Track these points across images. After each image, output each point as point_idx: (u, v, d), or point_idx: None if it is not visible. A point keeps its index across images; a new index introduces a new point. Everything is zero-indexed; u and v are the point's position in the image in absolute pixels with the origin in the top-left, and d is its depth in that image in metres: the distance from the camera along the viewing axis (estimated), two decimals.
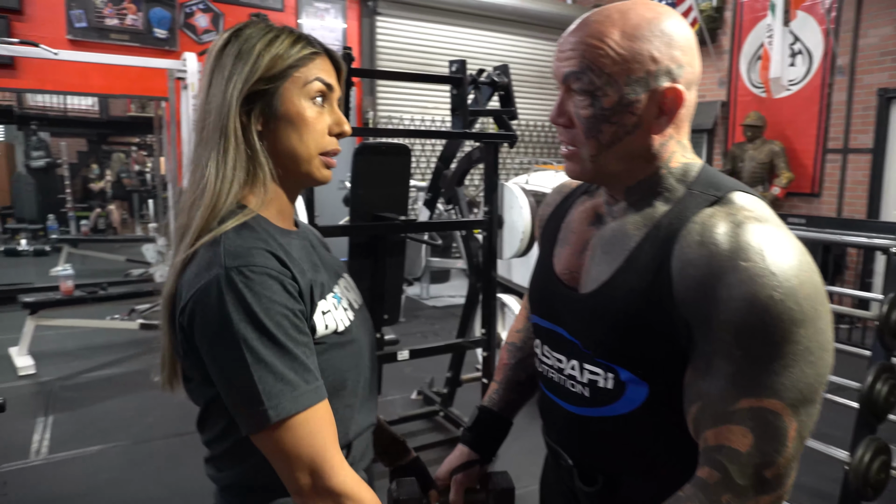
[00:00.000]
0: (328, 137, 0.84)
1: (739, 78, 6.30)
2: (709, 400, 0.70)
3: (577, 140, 0.79)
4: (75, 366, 3.90)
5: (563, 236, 0.91)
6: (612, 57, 0.73)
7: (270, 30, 0.83)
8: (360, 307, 0.94)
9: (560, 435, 0.90)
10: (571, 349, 0.84)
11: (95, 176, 9.53)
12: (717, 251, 0.69)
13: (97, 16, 5.44)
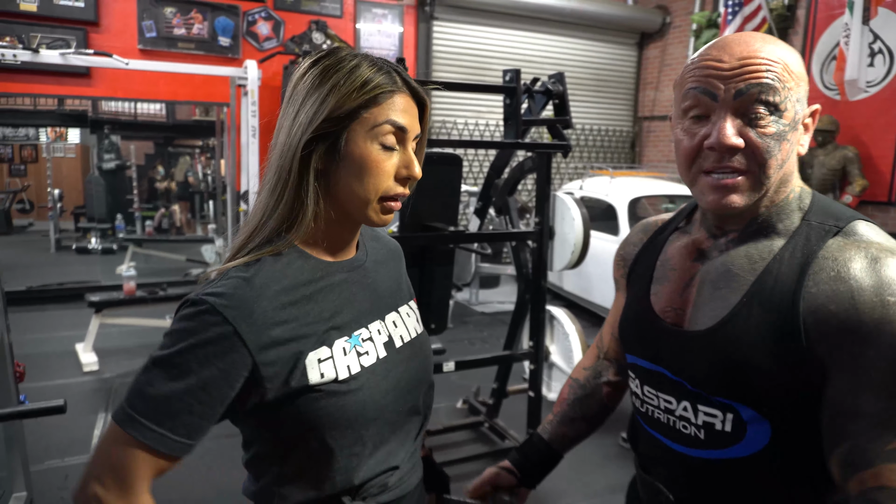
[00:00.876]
0: (393, 181, 0.80)
1: (811, 79, 5.98)
2: (859, 440, 0.68)
3: (752, 164, 0.74)
4: (136, 363, 4.05)
5: (661, 274, 0.89)
6: (791, 73, 0.74)
7: (347, 62, 0.78)
8: (408, 342, 0.90)
9: (666, 472, 0.88)
10: (679, 389, 0.82)
11: (161, 177, 9.95)
12: (860, 287, 0.69)
13: (166, 26, 5.66)
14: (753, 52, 0.73)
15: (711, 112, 0.75)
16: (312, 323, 0.78)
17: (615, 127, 7.85)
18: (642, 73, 7.91)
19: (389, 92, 0.77)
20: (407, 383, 0.87)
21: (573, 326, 2.69)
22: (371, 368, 0.82)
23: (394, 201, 0.80)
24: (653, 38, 7.71)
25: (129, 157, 9.09)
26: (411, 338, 0.91)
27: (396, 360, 0.87)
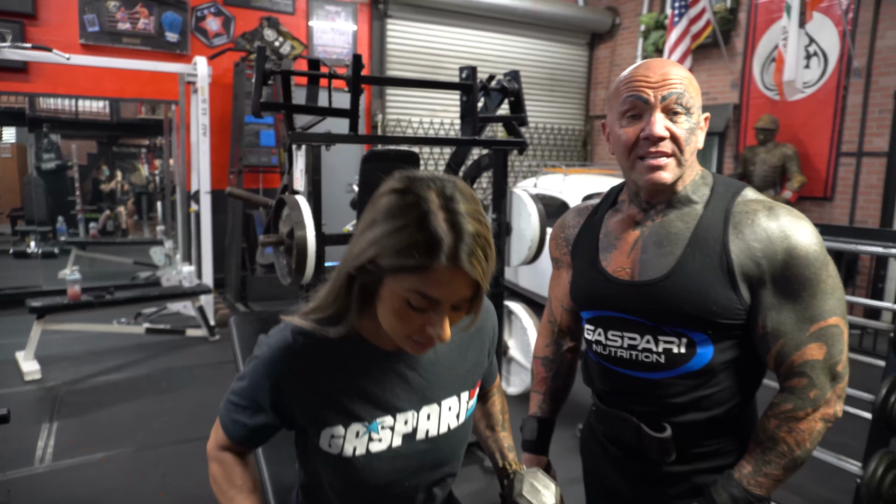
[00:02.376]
0: (419, 332, 0.85)
1: (752, 80, 6.22)
2: (789, 335, 0.98)
3: (675, 148, 1.01)
4: (81, 370, 3.90)
5: (606, 244, 1.12)
6: (693, 87, 1.02)
7: (410, 212, 0.79)
8: (433, 437, 0.98)
9: (625, 399, 1.10)
10: (642, 327, 1.04)
11: (105, 177, 9.58)
12: (769, 228, 0.98)
13: (110, 20, 5.46)
14: (668, 71, 1.01)
15: (644, 112, 1.01)
16: (341, 400, 0.92)
17: (567, 126, 8.00)
18: (593, 72, 8.07)
19: (427, 269, 0.78)
20: (414, 473, 0.98)
21: (531, 321, 2.73)
22: (377, 455, 0.94)
23: (416, 344, 0.87)
24: (603, 39, 7.88)
25: (70, 156, 8.71)
26: (439, 433, 0.99)
27: (410, 452, 0.96)
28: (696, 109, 1.02)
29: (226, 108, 6.01)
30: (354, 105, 2.29)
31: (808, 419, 0.97)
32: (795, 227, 0.97)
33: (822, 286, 0.96)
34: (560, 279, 1.27)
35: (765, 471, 0.99)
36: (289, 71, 2.25)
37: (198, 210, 4.97)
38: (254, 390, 0.93)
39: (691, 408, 1.04)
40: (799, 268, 0.96)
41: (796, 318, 0.97)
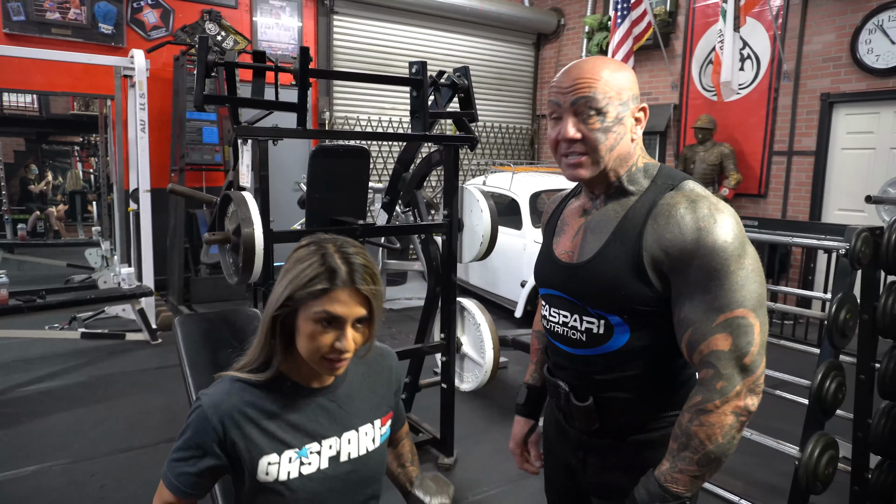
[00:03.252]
0: (329, 349, 1.05)
1: (692, 81, 6.45)
2: (696, 324, 1.00)
3: (588, 148, 1.07)
4: (10, 379, 3.69)
5: (560, 228, 1.23)
6: (610, 86, 1.05)
7: (310, 258, 1.06)
8: (355, 458, 1.16)
9: (561, 371, 1.20)
10: (572, 306, 1.14)
11: (35, 177, 9.08)
12: (684, 220, 1.01)
13: (37, 9, 5.17)
14: (582, 73, 1.06)
15: (561, 116, 1.09)
16: (274, 432, 1.09)
17: (515, 124, 8.09)
18: (540, 72, 8.19)
19: (326, 291, 1.03)
20: (341, 491, 1.14)
21: (483, 317, 2.74)
22: (308, 476, 1.10)
23: (330, 363, 1.07)
24: (549, 39, 8.01)
25: None
26: (359, 455, 1.17)
27: (336, 473, 1.14)
28: (611, 108, 1.06)
29: (165, 104, 5.79)
30: (302, 99, 2.24)
31: (718, 412, 0.97)
32: (711, 220, 0.99)
33: (732, 277, 0.97)
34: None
35: (680, 467, 1.00)
36: (233, 63, 2.18)
37: (137, 209, 4.76)
38: (198, 435, 1.06)
39: (612, 386, 1.11)
40: (707, 258, 0.98)
41: (704, 308, 0.99)
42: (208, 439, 1.06)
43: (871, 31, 5.09)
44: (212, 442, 1.06)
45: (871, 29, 5.10)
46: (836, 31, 5.34)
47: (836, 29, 5.35)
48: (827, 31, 5.40)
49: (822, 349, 2.22)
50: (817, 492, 2.14)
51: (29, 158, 9.27)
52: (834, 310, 2.09)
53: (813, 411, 2.15)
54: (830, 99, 5.40)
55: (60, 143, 9.57)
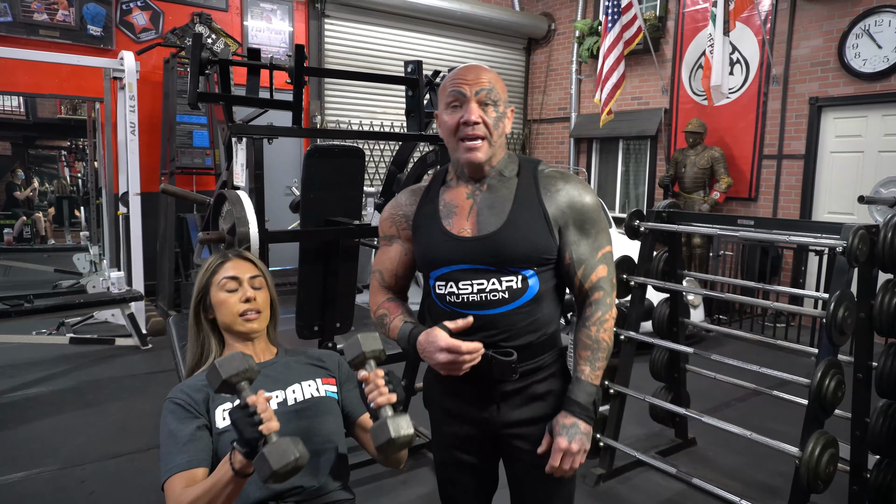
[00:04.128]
0: (240, 306, 1.40)
1: (681, 86, 6.49)
2: (588, 260, 1.35)
3: (486, 132, 1.30)
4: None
5: (447, 212, 1.37)
6: (499, 86, 1.33)
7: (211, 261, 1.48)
8: (301, 401, 1.40)
9: (477, 334, 1.31)
10: (486, 273, 1.31)
11: (21, 182, 8.96)
12: (568, 187, 1.35)
13: (24, 10, 5.11)
14: (481, 73, 1.31)
15: (463, 103, 1.30)
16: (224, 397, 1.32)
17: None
18: (530, 76, 8.22)
19: (221, 263, 1.46)
20: (295, 426, 1.31)
21: None
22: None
23: (245, 316, 1.40)
24: (539, 44, 8.04)
25: None
26: (304, 398, 1.40)
27: (286, 410, 1.36)
28: (502, 103, 1.32)
29: (155, 107, 5.73)
30: (298, 97, 2.22)
31: (609, 320, 1.34)
32: (582, 188, 1.36)
33: (600, 225, 1.36)
34: (390, 253, 1.47)
35: (598, 366, 1.33)
36: (227, 60, 2.16)
37: (127, 213, 4.71)
38: (175, 415, 1.30)
39: (527, 330, 1.33)
40: (588, 213, 1.34)
41: (590, 249, 1.35)
42: (186, 408, 1.30)
43: (858, 35, 5.15)
44: (189, 407, 1.30)
45: (857, 34, 5.16)
46: (824, 35, 5.40)
47: (823, 34, 5.40)
48: (815, 35, 5.46)
49: (820, 347, 2.22)
50: (818, 490, 2.13)
51: (15, 163, 9.15)
52: (833, 307, 2.08)
53: (813, 409, 2.14)
54: (819, 103, 5.45)
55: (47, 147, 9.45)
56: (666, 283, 2.75)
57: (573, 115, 7.58)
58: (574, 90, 7.55)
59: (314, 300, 2.66)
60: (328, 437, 1.38)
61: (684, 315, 2.98)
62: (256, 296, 1.41)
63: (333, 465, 1.37)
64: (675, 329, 2.92)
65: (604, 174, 7.52)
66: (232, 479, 1.14)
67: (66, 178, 9.25)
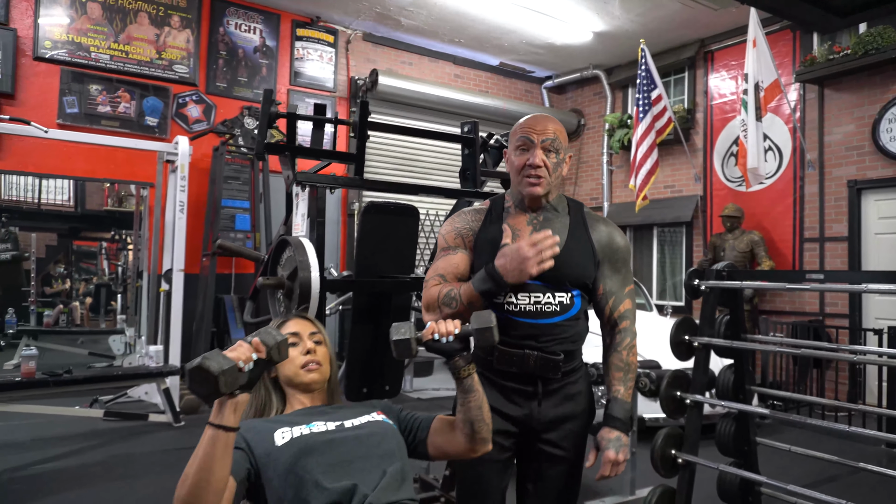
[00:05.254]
0: (302, 359, 1.47)
1: (714, 173, 6.57)
2: (616, 293, 1.62)
3: (545, 173, 1.55)
4: (26, 457, 3.49)
5: (510, 235, 1.59)
6: (561, 135, 1.58)
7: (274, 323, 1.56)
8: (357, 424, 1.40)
9: (530, 340, 1.54)
10: (544, 288, 1.54)
11: (58, 274, 9.19)
12: (608, 229, 1.63)
13: (90, 103, 5.48)
14: (548, 124, 1.56)
15: (530, 148, 1.55)
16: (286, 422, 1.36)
17: None
18: None
19: (283, 322, 1.54)
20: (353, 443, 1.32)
21: None
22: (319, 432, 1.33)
23: (306, 367, 1.46)
24: (570, 138, 8.29)
25: (29, 247, 8.38)
26: (361, 423, 1.40)
27: (344, 431, 1.36)
28: (563, 151, 1.57)
29: (201, 192, 5.94)
30: (360, 150, 2.27)
31: (636, 346, 1.63)
32: (618, 233, 1.65)
33: (629, 265, 1.65)
34: (454, 259, 1.63)
35: (629, 385, 1.61)
36: (294, 114, 2.24)
37: (169, 290, 4.75)
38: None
39: (569, 339, 1.57)
40: (621, 253, 1.62)
41: (620, 283, 1.62)
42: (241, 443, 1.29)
43: (891, 119, 5.23)
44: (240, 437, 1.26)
45: (890, 118, 5.24)
46: (856, 121, 5.49)
47: (854, 120, 5.50)
48: (846, 121, 5.56)
49: None
50: None
51: (59, 255, 9.45)
52: None
53: None
54: (858, 185, 5.45)
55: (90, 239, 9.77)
56: (733, 342, 2.61)
57: (605, 205, 7.67)
58: (605, 180, 7.69)
59: (363, 362, 2.58)
60: (390, 453, 1.35)
61: (750, 382, 2.81)
62: (316, 349, 1.48)
63: (398, 478, 1.31)
64: (741, 396, 2.74)
65: (638, 261, 7.48)
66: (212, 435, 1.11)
67: (103, 269, 9.48)
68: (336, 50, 6.77)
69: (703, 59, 6.78)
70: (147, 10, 5.77)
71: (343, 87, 6.82)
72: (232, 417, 1.11)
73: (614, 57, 7.37)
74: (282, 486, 1.24)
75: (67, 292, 8.88)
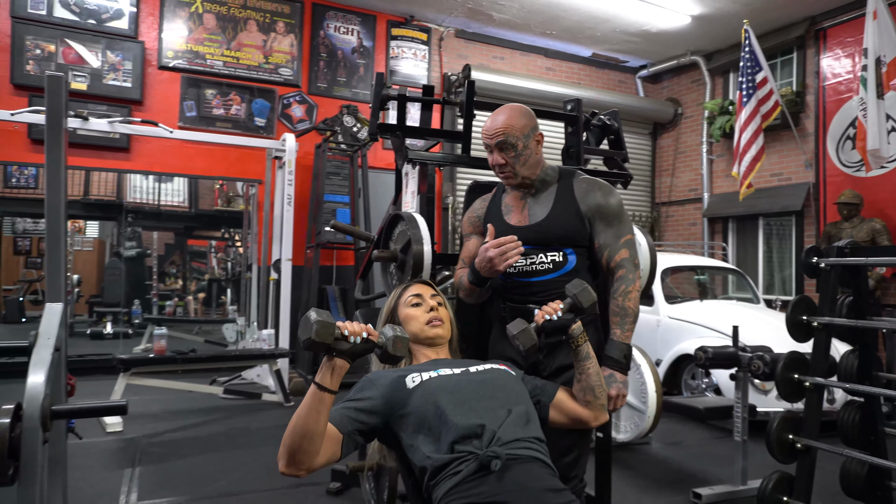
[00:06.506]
0: (426, 316, 1.61)
1: (828, 159, 6.16)
2: (610, 245, 1.75)
3: (510, 168, 1.76)
4: (160, 426, 3.84)
5: (507, 210, 1.84)
6: (514, 128, 1.73)
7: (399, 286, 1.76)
8: (481, 370, 1.48)
9: (531, 297, 1.74)
10: (538, 249, 1.75)
11: (172, 274, 9.97)
12: (596, 193, 1.77)
13: (206, 106, 5.92)
14: (499, 122, 1.74)
15: (492, 151, 1.77)
16: (415, 370, 1.45)
17: (634, 211, 7.99)
18: (657, 160, 8.17)
19: (406, 287, 1.71)
20: (478, 388, 1.40)
21: (644, 360, 2.55)
22: (446, 376, 1.42)
23: (431, 324, 1.60)
24: (666, 128, 8.04)
25: (150, 245, 9.17)
26: (486, 368, 1.49)
27: (470, 376, 1.44)
28: (520, 140, 1.72)
29: (304, 189, 6.26)
30: (467, 128, 2.34)
31: (633, 290, 1.71)
32: (607, 193, 1.77)
33: (621, 219, 1.77)
34: (470, 246, 1.93)
35: (626, 329, 1.70)
36: (405, 96, 2.34)
37: (278, 278, 5.05)
38: (360, 385, 1.43)
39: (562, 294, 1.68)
40: (611, 210, 1.75)
41: (613, 236, 1.75)
42: (368, 385, 1.40)
43: None
44: (370, 384, 1.40)
45: None
46: None
47: None
48: None
49: None
50: None
51: (175, 252, 10.26)
52: None
53: None
54: None
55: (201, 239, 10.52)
56: (858, 322, 2.46)
57: (705, 196, 7.37)
58: (705, 170, 7.39)
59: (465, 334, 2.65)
60: (515, 395, 1.42)
61: (877, 368, 2.63)
62: (438, 309, 1.61)
63: (524, 417, 1.37)
64: (867, 383, 2.57)
65: (742, 254, 7.12)
66: (312, 390, 1.23)
67: (213, 267, 10.18)
68: (429, 47, 6.93)
69: (814, 37, 6.37)
70: (255, 18, 6.17)
71: (436, 84, 6.96)
72: (328, 378, 1.21)
73: (714, 41, 7.08)
74: (414, 423, 1.32)
75: (181, 289, 9.62)
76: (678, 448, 3.80)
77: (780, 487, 2.46)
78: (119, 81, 5.60)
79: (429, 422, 1.31)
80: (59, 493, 1.96)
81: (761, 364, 2.69)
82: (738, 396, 2.91)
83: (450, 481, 1.24)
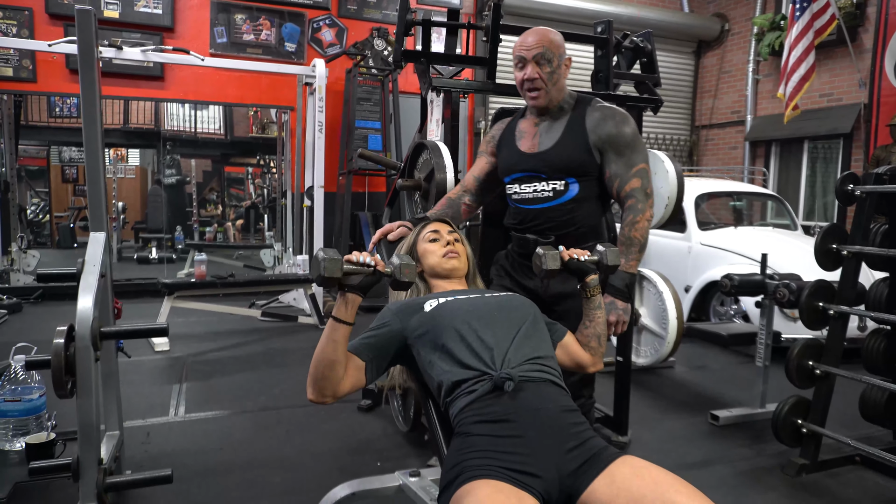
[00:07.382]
0: (443, 249, 1.64)
1: (885, 77, 5.80)
2: (620, 175, 1.78)
3: (541, 84, 1.77)
4: (203, 346, 4.08)
5: (520, 136, 1.89)
6: (553, 45, 1.76)
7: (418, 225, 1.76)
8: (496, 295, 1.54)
9: (532, 223, 1.86)
10: (539, 178, 1.82)
11: (212, 201, 10.21)
12: (609, 123, 1.79)
13: (236, 32, 5.88)
14: (538, 38, 1.75)
15: (525, 65, 1.77)
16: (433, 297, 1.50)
17: (673, 135, 7.75)
18: (700, 81, 7.82)
19: (424, 225, 1.72)
20: (494, 309, 1.44)
21: (666, 286, 2.58)
22: (464, 298, 1.48)
23: (447, 256, 1.62)
24: (710, 46, 7.65)
25: (189, 172, 9.37)
26: (499, 294, 1.55)
27: (486, 299, 1.49)
28: (556, 58, 1.75)
29: (336, 115, 6.25)
30: (493, 53, 2.29)
31: (641, 220, 1.75)
32: (621, 122, 1.78)
33: (635, 148, 1.78)
34: (480, 162, 2.02)
35: (631, 258, 1.75)
36: (429, 21, 2.30)
37: (311, 205, 5.14)
38: (380, 317, 1.47)
39: (567, 223, 1.81)
40: (623, 139, 1.77)
41: (625, 166, 1.77)
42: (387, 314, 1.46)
43: None
44: (388, 313, 1.46)
45: None
46: None
47: None
48: None
49: None
50: None
51: (213, 179, 10.47)
52: None
53: None
54: None
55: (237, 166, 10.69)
56: (891, 251, 2.41)
57: (749, 118, 7.07)
58: (750, 91, 7.06)
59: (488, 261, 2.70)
60: (528, 317, 1.45)
61: None
62: (455, 245, 1.66)
63: (536, 339, 1.41)
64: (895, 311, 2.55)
65: (784, 180, 6.91)
66: (329, 323, 1.30)
67: (250, 193, 10.39)
68: None
69: None
70: None
71: (469, 4, 6.71)
72: (343, 311, 1.29)
73: None
74: (431, 341, 1.39)
75: (221, 215, 9.89)
76: (702, 372, 3.86)
77: (796, 411, 2.51)
78: (150, 8, 5.57)
79: (445, 340, 1.36)
80: (114, 406, 2.15)
81: (787, 292, 2.68)
82: (763, 324, 2.92)
83: (465, 398, 1.31)
